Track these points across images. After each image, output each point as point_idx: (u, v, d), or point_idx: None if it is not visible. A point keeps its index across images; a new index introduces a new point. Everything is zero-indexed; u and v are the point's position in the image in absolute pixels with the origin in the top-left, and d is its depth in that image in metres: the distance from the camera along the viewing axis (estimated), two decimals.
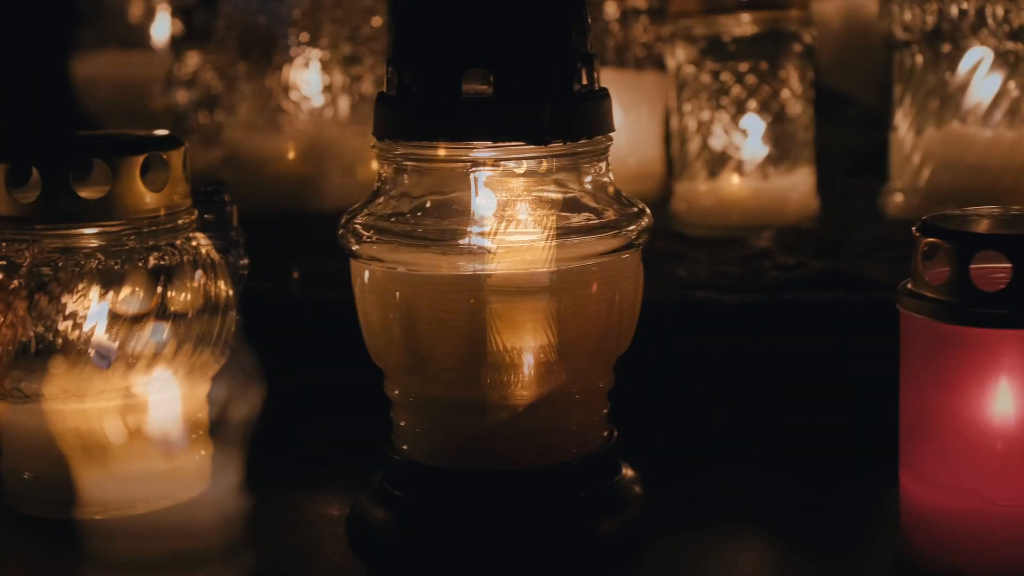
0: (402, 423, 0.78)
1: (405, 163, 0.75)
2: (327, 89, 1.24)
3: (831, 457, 0.88)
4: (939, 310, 0.70)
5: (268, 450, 0.93)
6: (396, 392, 0.77)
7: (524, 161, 0.73)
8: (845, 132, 1.47)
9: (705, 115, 1.16)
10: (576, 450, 0.77)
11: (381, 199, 0.76)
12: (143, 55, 1.65)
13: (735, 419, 0.93)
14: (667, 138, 1.25)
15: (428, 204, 0.74)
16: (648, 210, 0.77)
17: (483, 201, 0.74)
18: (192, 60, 1.48)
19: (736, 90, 1.15)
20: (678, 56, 1.17)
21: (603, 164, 0.77)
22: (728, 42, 1.15)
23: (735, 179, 1.16)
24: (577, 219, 0.74)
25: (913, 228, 0.72)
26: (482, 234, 0.73)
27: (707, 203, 1.16)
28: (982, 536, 0.70)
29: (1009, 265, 0.68)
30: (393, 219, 0.74)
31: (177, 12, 1.60)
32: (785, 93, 1.16)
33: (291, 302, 1.02)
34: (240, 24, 1.24)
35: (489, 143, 0.73)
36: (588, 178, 0.76)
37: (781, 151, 1.16)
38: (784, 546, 0.78)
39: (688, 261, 1.05)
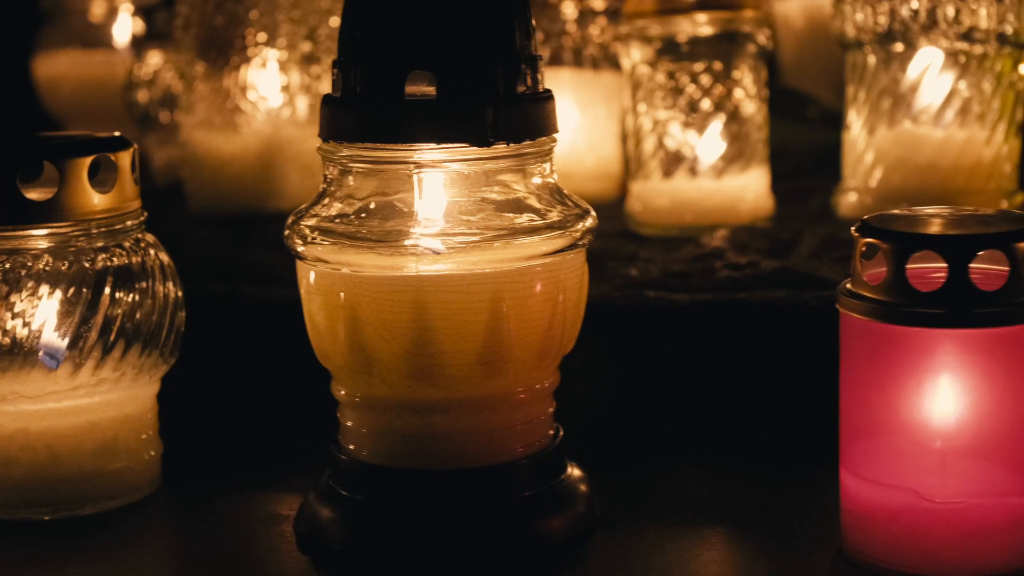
0: (348, 423, 0.78)
1: (350, 165, 0.75)
2: (285, 89, 1.25)
3: (779, 454, 0.89)
4: (877, 310, 0.70)
5: (218, 450, 0.94)
6: (342, 392, 0.78)
7: (468, 162, 0.74)
8: (805, 132, 1.48)
9: (660, 115, 1.17)
10: (521, 449, 0.77)
11: (326, 200, 0.76)
12: (105, 55, 1.65)
13: (683, 418, 0.93)
14: (625, 138, 1.26)
15: (372, 205, 0.75)
16: (592, 210, 0.78)
17: (427, 202, 0.74)
18: (153, 60, 1.49)
19: (691, 90, 1.16)
20: (633, 56, 1.17)
21: (547, 165, 0.77)
22: (683, 43, 1.15)
23: (689, 179, 1.17)
24: (521, 219, 0.75)
25: (852, 228, 0.72)
26: (426, 235, 0.73)
27: (662, 203, 1.17)
28: (919, 533, 0.71)
29: (945, 265, 0.68)
30: (338, 220, 0.75)
31: (138, 12, 1.60)
32: (739, 93, 1.16)
33: (244, 302, 1.02)
34: (197, 24, 1.24)
35: (433, 145, 0.73)
36: (533, 179, 0.76)
37: (735, 151, 1.17)
38: (728, 542, 0.78)
39: (640, 260, 1.05)
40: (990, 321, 0.69)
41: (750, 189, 1.17)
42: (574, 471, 0.81)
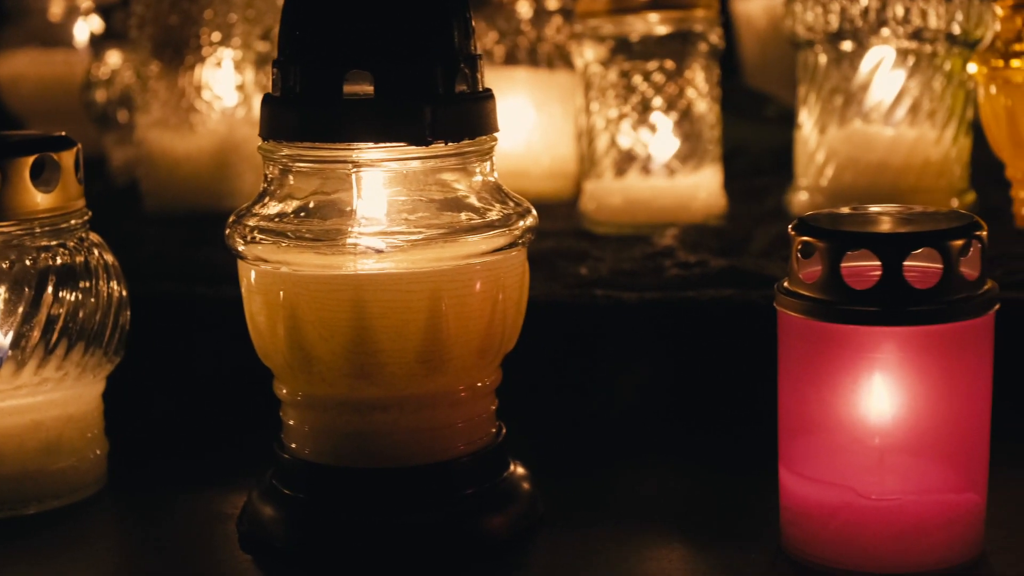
0: (291, 422, 0.78)
1: (290, 164, 0.75)
2: (240, 88, 1.25)
3: (726, 452, 0.90)
4: (812, 308, 0.71)
5: (166, 448, 0.94)
6: (284, 391, 0.78)
7: (407, 161, 0.74)
8: (763, 131, 1.49)
9: (612, 114, 1.17)
10: (463, 447, 0.78)
11: (267, 200, 0.76)
12: (65, 54, 1.65)
13: (631, 417, 0.94)
14: (579, 137, 1.26)
15: (312, 204, 0.75)
16: (533, 209, 0.78)
17: (367, 201, 0.74)
18: (112, 59, 1.48)
19: (643, 89, 1.16)
20: (586, 55, 1.17)
21: (488, 163, 0.77)
22: (635, 42, 1.16)
23: (642, 178, 1.17)
24: (461, 218, 0.75)
25: (789, 227, 0.73)
26: (365, 234, 0.74)
27: (615, 202, 1.17)
28: (856, 530, 0.71)
29: (880, 263, 0.69)
30: (277, 219, 0.75)
31: (98, 11, 1.60)
32: (692, 92, 1.17)
33: (196, 301, 1.02)
34: (152, 23, 1.24)
35: (371, 144, 0.73)
36: (473, 178, 0.76)
37: (688, 150, 1.17)
38: (670, 540, 0.78)
39: (591, 259, 1.06)
40: (924, 319, 0.69)
41: (703, 188, 1.17)
42: (517, 469, 0.81)
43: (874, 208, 0.76)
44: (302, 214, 0.75)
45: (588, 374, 0.95)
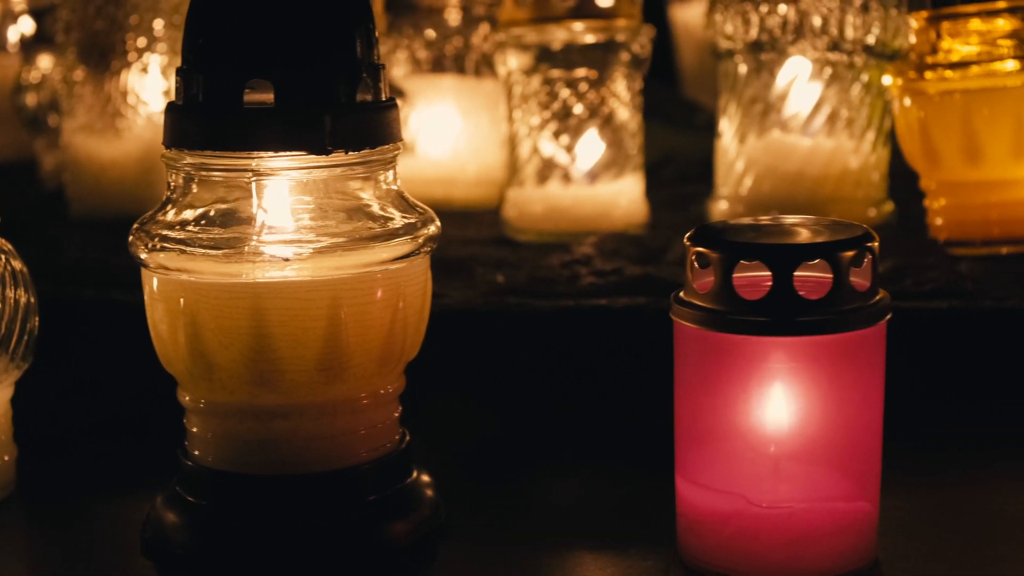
0: (194, 429, 0.79)
1: (192, 172, 0.75)
2: (166, 94, 1.25)
3: (634, 459, 0.90)
4: (705, 318, 0.71)
5: (77, 454, 0.94)
6: (187, 398, 0.78)
7: (308, 170, 0.74)
8: (693, 139, 1.50)
9: (534, 121, 1.18)
10: (366, 454, 0.78)
11: (169, 207, 0.77)
12: None
13: (542, 424, 0.94)
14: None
15: (213, 213, 0.75)
16: (436, 218, 0.79)
17: (267, 210, 0.75)
18: (43, 63, 1.48)
19: (565, 97, 1.17)
20: (509, 63, 1.18)
21: (391, 172, 0.78)
22: (558, 51, 1.17)
23: (563, 186, 1.18)
24: (362, 226, 0.75)
25: (685, 238, 0.74)
26: (265, 242, 0.74)
27: (536, 209, 1.18)
28: (748, 537, 0.72)
29: (769, 274, 0.70)
30: (179, 227, 0.75)
31: (30, 14, 1.59)
32: (613, 101, 1.18)
33: (112, 306, 1.03)
34: (78, 28, 1.24)
35: (271, 153, 0.74)
36: (375, 186, 0.77)
37: (609, 158, 1.18)
38: (569, 546, 0.79)
39: (508, 267, 1.06)
40: (813, 329, 0.70)
41: (624, 196, 1.18)
42: (421, 476, 0.81)
43: (788, 219, 0.76)
44: (203, 222, 0.75)
45: (499, 382, 0.96)
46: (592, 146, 1.18)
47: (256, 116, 0.73)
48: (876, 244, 0.72)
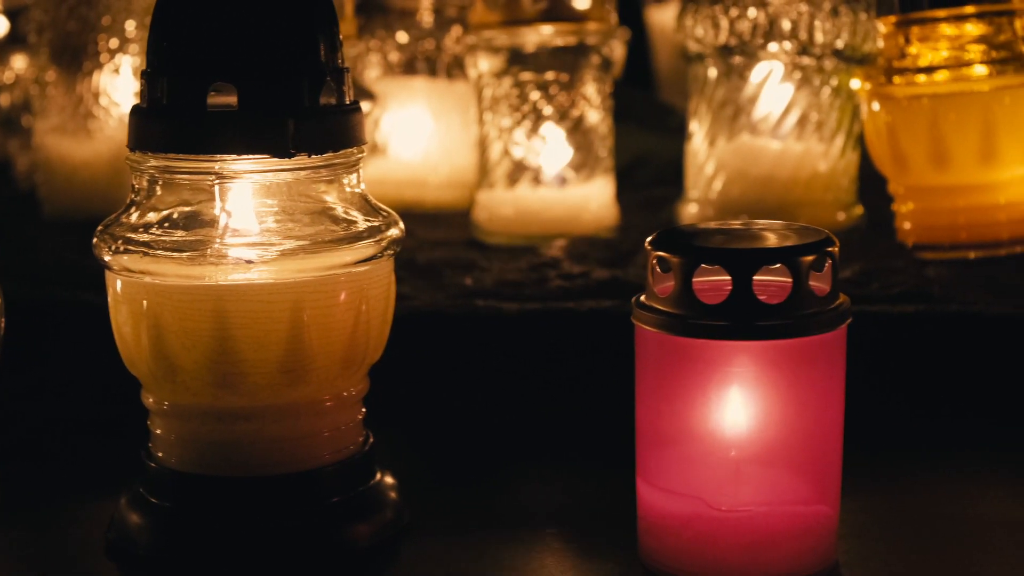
0: (158, 431, 0.79)
1: (156, 175, 0.76)
2: (137, 95, 1.25)
3: (596, 461, 0.90)
4: (665, 322, 0.72)
5: (44, 455, 0.94)
6: (151, 400, 0.78)
7: (271, 173, 0.75)
8: (667, 142, 1.50)
9: (505, 123, 1.18)
10: (329, 456, 0.78)
11: (133, 210, 0.77)
12: None
13: (509, 427, 0.94)
14: None
15: (176, 215, 0.75)
16: (400, 221, 0.79)
17: (231, 213, 0.75)
18: (17, 63, 1.48)
19: (536, 100, 1.17)
20: (480, 66, 1.18)
21: (355, 176, 0.78)
22: (528, 54, 1.17)
23: (533, 188, 1.18)
24: (325, 229, 0.75)
25: (646, 242, 0.74)
26: (228, 245, 0.74)
27: (506, 212, 1.18)
28: (708, 541, 0.72)
29: (729, 278, 0.70)
30: (142, 230, 0.75)
31: (4, 14, 1.59)
32: (584, 104, 1.18)
33: (83, 307, 1.03)
34: (50, 29, 1.24)
35: (234, 156, 0.74)
36: (339, 189, 0.77)
37: (579, 161, 1.18)
38: (532, 548, 0.79)
39: (477, 270, 1.06)
40: (772, 333, 0.70)
41: (594, 199, 1.19)
42: (385, 478, 0.82)
43: (758, 224, 0.76)
44: (166, 225, 0.75)
45: (467, 384, 0.96)
46: (562, 149, 1.18)
47: (219, 119, 0.73)
48: (836, 249, 0.72)
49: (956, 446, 0.91)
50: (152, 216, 0.76)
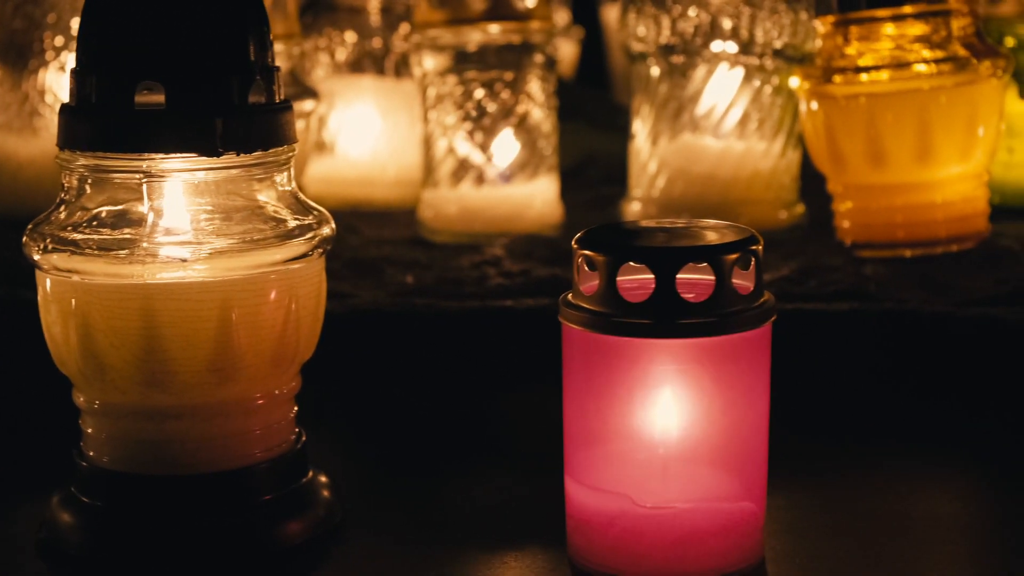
0: (89, 430, 0.79)
1: (86, 174, 0.76)
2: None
3: (529, 460, 0.91)
4: (590, 320, 0.72)
5: None
6: (81, 399, 0.79)
7: (200, 172, 0.75)
8: (617, 140, 1.51)
9: (449, 122, 1.18)
10: (260, 454, 0.78)
11: (63, 209, 0.77)
12: None
13: (441, 424, 0.95)
14: None
15: (104, 214, 0.76)
16: (331, 219, 0.79)
17: (159, 211, 0.75)
18: None
19: (480, 99, 1.18)
20: (425, 65, 1.19)
21: (285, 174, 0.78)
22: (473, 52, 1.17)
23: (477, 187, 1.19)
24: (254, 228, 0.76)
25: (573, 241, 0.74)
26: (157, 244, 0.74)
27: (451, 210, 1.19)
28: (633, 538, 0.73)
29: (652, 276, 0.71)
30: (70, 228, 0.75)
31: None
32: (528, 102, 1.18)
33: (20, 305, 1.02)
34: None
35: (163, 154, 0.74)
36: (270, 188, 0.77)
37: (523, 159, 1.19)
38: (463, 547, 0.79)
39: (419, 267, 1.07)
40: (695, 331, 0.71)
41: (538, 197, 1.19)
42: (318, 476, 0.82)
43: (701, 223, 0.76)
44: (95, 223, 0.75)
45: (405, 382, 0.96)
46: (506, 147, 1.18)
47: (147, 117, 0.74)
48: (760, 247, 0.73)
49: (886, 442, 0.92)
50: (81, 215, 0.76)
